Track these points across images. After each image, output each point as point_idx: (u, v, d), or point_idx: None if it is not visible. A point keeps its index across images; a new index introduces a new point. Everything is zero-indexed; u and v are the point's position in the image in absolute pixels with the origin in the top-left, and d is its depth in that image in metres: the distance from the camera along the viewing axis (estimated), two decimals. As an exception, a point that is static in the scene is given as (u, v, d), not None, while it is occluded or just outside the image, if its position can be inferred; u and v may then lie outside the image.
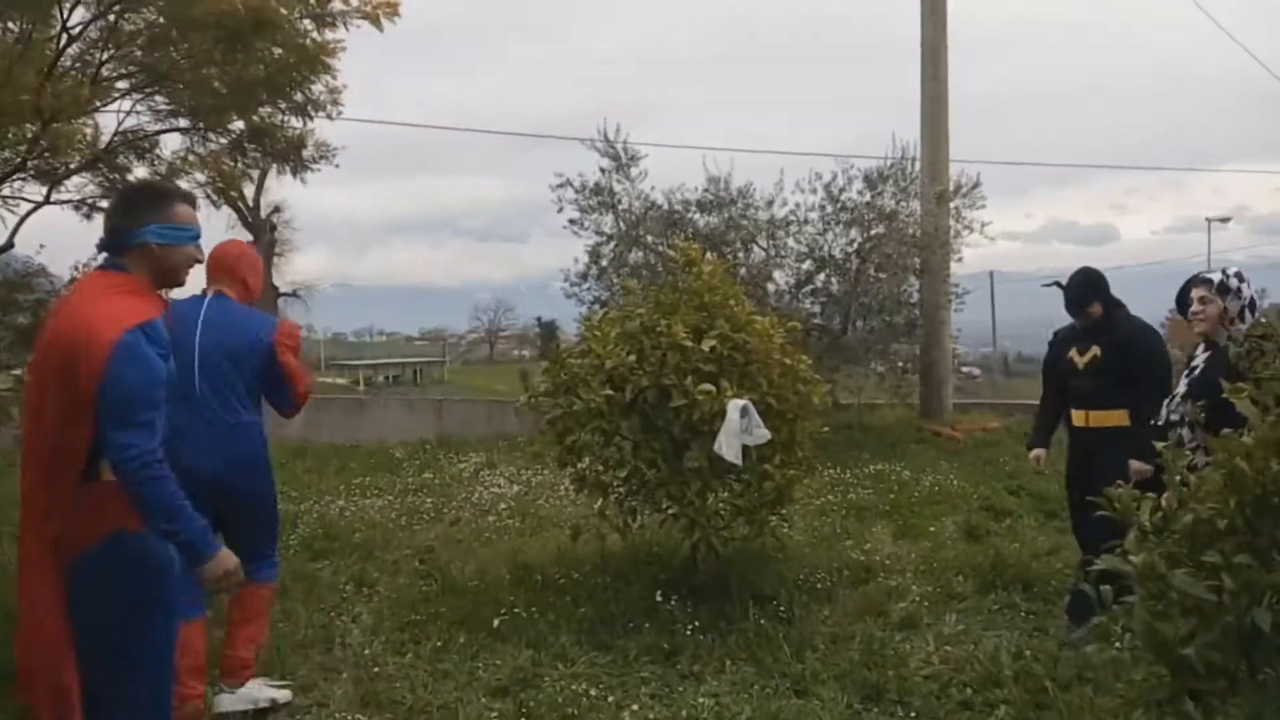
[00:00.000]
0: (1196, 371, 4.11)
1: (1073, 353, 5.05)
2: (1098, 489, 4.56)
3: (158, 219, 2.71)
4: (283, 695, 4.06)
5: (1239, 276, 4.09)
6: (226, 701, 3.89)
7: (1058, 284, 5.10)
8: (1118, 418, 4.84)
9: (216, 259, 3.89)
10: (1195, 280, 4.22)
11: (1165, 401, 4.20)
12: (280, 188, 32.07)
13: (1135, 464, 4.52)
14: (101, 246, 2.78)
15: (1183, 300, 4.45)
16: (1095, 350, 4.93)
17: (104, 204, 6.49)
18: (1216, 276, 4.12)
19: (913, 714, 3.75)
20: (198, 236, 2.83)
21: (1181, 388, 4.15)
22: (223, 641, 3.98)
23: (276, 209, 32.31)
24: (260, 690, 4.00)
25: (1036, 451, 5.25)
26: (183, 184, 7.00)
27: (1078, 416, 5.02)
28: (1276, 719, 2.55)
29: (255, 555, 3.74)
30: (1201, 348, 4.21)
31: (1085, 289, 4.97)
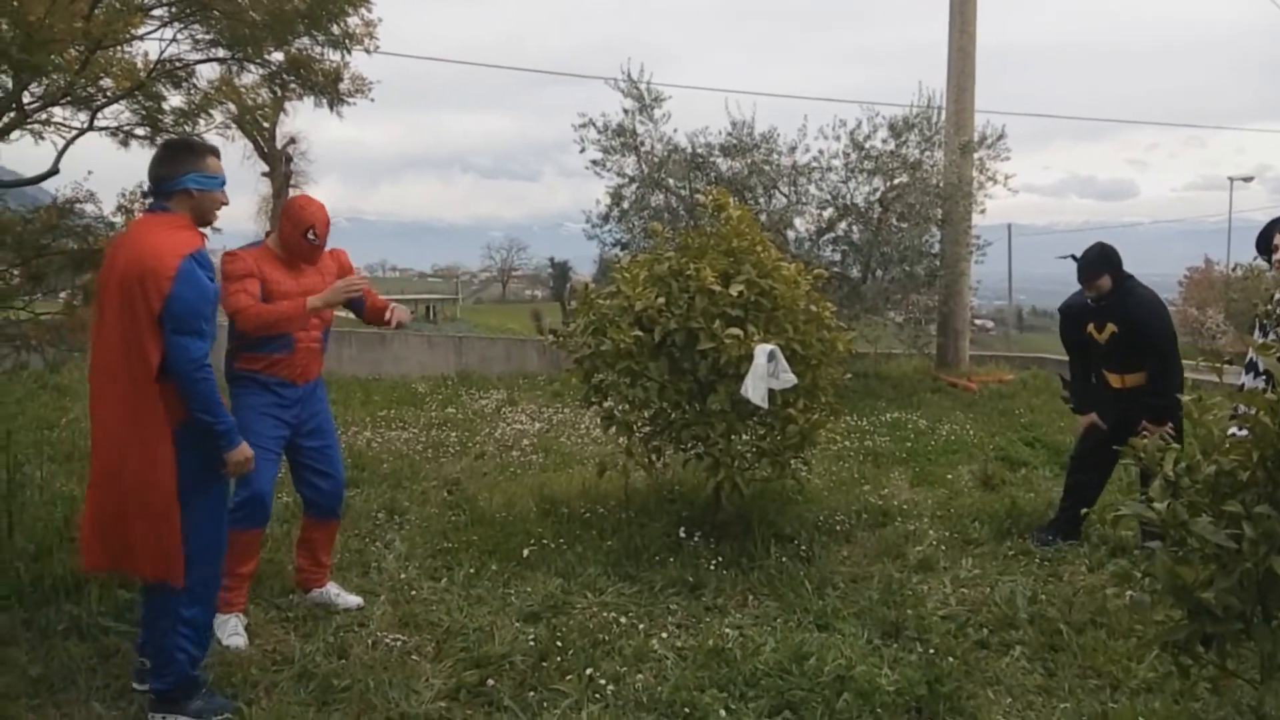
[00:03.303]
0: None
1: (1090, 328, 5.34)
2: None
3: (196, 169, 3.24)
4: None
5: None
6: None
7: (1073, 257, 5.32)
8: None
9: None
10: None
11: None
12: (295, 119, 31.92)
13: (1150, 425, 4.88)
14: (149, 192, 3.35)
15: (1266, 241, 4.52)
16: (1112, 328, 5.22)
17: (139, 132, 6.62)
18: None
19: (931, 650, 3.87)
20: (225, 183, 3.36)
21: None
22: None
23: (292, 140, 32.27)
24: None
25: (1091, 416, 5.45)
26: (216, 114, 7.13)
27: (1114, 380, 5.32)
28: (1288, 660, 2.68)
29: None
30: None
31: (1099, 262, 5.22)
